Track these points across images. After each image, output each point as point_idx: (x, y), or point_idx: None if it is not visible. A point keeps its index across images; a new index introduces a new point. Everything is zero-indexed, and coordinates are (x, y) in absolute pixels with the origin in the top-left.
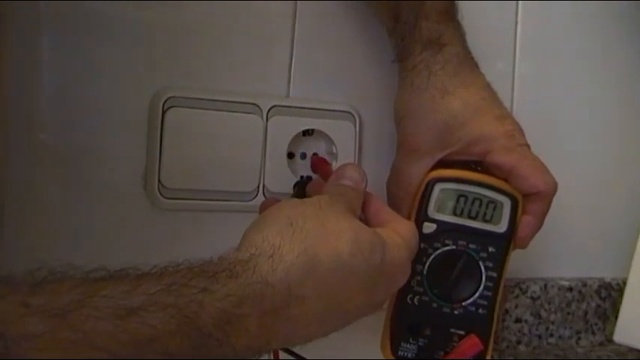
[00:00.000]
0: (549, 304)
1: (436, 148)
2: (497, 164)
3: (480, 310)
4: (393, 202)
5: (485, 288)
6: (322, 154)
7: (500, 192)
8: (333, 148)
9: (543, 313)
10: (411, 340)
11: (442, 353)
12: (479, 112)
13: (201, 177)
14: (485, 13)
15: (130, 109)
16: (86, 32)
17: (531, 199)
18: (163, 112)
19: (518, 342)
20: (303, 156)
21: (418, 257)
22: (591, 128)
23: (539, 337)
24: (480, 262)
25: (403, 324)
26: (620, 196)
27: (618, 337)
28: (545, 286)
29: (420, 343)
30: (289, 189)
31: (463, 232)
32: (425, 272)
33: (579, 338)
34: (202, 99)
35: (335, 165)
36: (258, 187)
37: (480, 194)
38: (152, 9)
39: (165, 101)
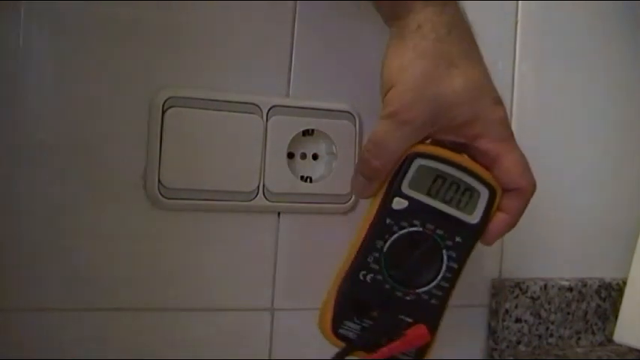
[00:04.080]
0: (549, 304)
1: (428, 122)
2: (485, 151)
3: (433, 300)
4: (367, 172)
5: (444, 278)
6: (322, 154)
7: (480, 181)
8: (333, 148)
9: (543, 313)
10: (355, 320)
11: (386, 339)
12: (479, 92)
13: (201, 177)
14: (485, 13)
15: (130, 109)
16: (86, 32)
17: (509, 195)
18: (163, 112)
19: (518, 342)
20: (303, 156)
21: (380, 233)
22: (591, 128)
23: (539, 337)
24: (444, 251)
25: (350, 301)
26: (620, 196)
27: (618, 337)
28: (545, 286)
29: (365, 324)
30: (289, 189)
31: (434, 215)
32: (384, 250)
33: (579, 338)
34: (202, 99)
35: (334, 165)
36: (258, 187)
37: (459, 179)
38: (152, 9)
39: (165, 101)
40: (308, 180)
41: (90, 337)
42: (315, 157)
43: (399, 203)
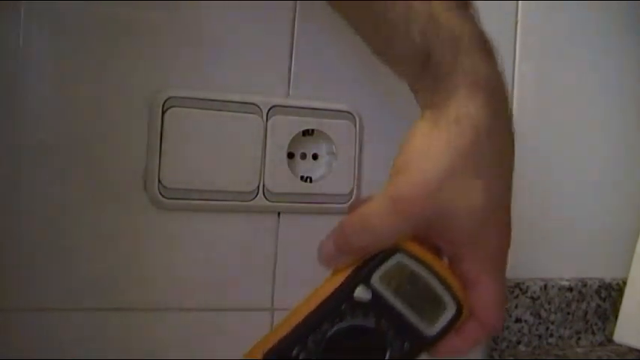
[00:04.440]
0: (549, 304)
1: (425, 224)
2: (467, 271)
3: None
4: (343, 247)
5: None
6: (322, 154)
7: (452, 296)
8: (333, 148)
9: (543, 313)
10: None
11: None
12: (492, 215)
13: (201, 177)
14: (486, 13)
15: (130, 109)
16: (86, 32)
17: (472, 323)
18: (163, 112)
19: (518, 342)
20: (303, 156)
21: (331, 316)
22: (591, 128)
23: (539, 337)
24: (388, 351)
25: None
26: (620, 197)
27: (618, 337)
28: (545, 286)
29: None
30: (289, 189)
31: (393, 315)
32: (328, 335)
33: (579, 338)
34: (202, 99)
35: (334, 165)
36: (258, 187)
37: (432, 287)
38: (152, 9)
39: (165, 101)
40: (308, 180)
41: (90, 337)
42: (315, 157)
43: (362, 293)
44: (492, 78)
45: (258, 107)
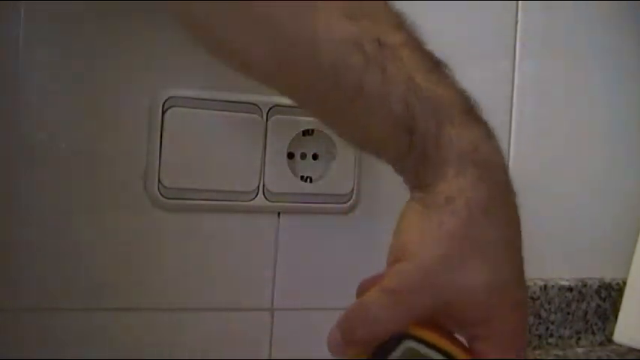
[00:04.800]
0: (549, 304)
1: (430, 309)
2: (482, 353)
3: None
4: (348, 337)
5: None
6: (322, 154)
7: None
8: (333, 148)
9: (543, 313)
10: None
11: None
12: (500, 294)
13: (201, 177)
14: (486, 13)
15: (130, 109)
16: (86, 32)
17: None
18: (163, 112)
19: None
20: (303, 156)
21: None
22: (591, 128)
23: (539, 337)
24: None
25: None
26: (620, 197)
27: (618, 337)
28: (545, 286)
29: None
30: (289, 189)
31: None
32: None
33: (579, 338)
34: (202, 99)
35: (334, 165)
36: (258, 187)
37: None
38: (152, 9)
39: (165, 101)
40: (308, 180)
41: (90, 337)
42: (315, 157)
43: None
44: (483, 147)
45: (258, 107)
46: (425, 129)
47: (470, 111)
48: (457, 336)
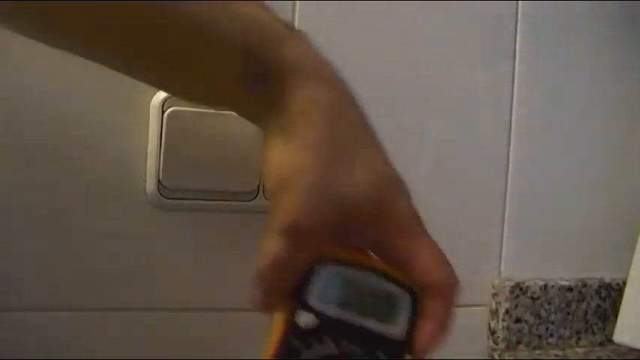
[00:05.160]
0: (549, 304)
1: (333, 226)
2: (396, 249)
3: None
4: (265, 287)
5: None
6: None
7: (398, 284)
8: None
9: (543, 313)
10: None
11: None
12: (384, 182)
13: (201, 177)
14: (486, 13)
15: (130, 109)
16: None
17: (432, 299)
18: (163, 112)
19: (518, 342)
20: None
21: (289, 358)
22: (591, 128)
23: (539, 337)
24: None
25: None
26: (620, 197)
27: (618, 337)
28: (545, 286)
29: None
30: None
31: (349, 331)
32: None
33: (579, 338)
34: None
35: None
36: (258, 187)
37: (374, 285)
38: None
39: (165, 101)
40: None
41: (90, 337)
42: None
43: (305, 319)
44: (318, 59)
45: None
46: (260, 50)
47: (294, 30)
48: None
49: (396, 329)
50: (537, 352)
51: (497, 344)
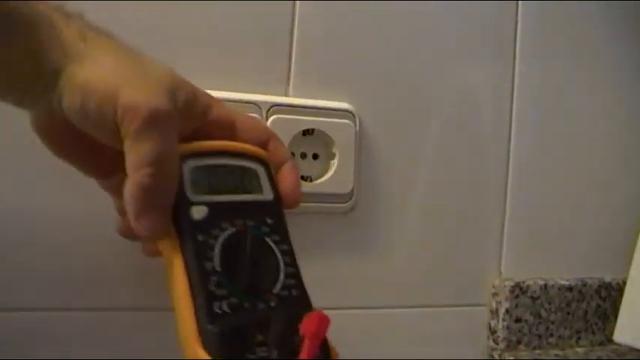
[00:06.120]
0: (549, 304)
1: (174, 105)
2: (219, 120)
3: (294, 291)
4: (158, 199)
5: (286, 265)
6: (322, 154)
7: (249, 157)
8: (333, 148)
9: (543, 313)
10: (249, 356)
11: (291, 353)
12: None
13: None
14: (486, 13)
15: None
16: None
17: (269, 149)
18: None
19: (519, 342)
20: (304, 156)
21: (200, 253)
22: (591, 128)
23: (539, 337)
24: (267, 239)
25: (227, 343)
26: (620, 196)
27: (618, 337)
28: (545, 286)
29: (261, 355)
30: None
31: (234, 209)
32: (217, 269)
33: (579, 338)
34: None
35: (334, 165)
36: None
37: (232, 165)
38: (152, 9)
39: None
40: (308, 180)
41: (89, 337)
42: (315, 157)
43: (199, 212)
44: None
45: (258, 107)
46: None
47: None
48: None
49: (266, 194)
50: (537, 352)
51: (497, 344)
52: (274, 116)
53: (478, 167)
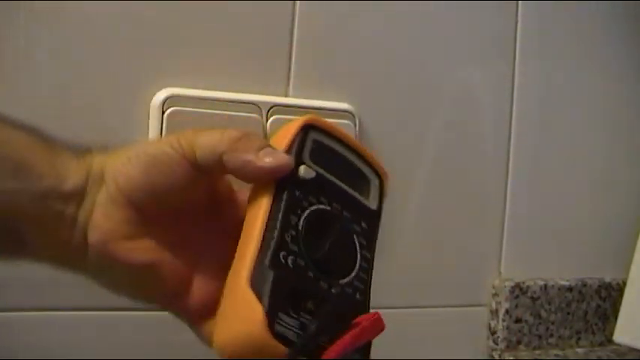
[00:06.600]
0: (549, 304)
1: None
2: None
3: (358, 296)
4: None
5: (361, 269)
6: None
7: (371, 167)
8: None
9: (543, 313)
10: (291, 314)
11: (328, 338)
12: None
13: None
14: (486, 13)
15: (130, 109)
16: (87, 32)
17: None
18: (163, 112)
19: (519, 342)
20: None
21: (291, 206)
22: (591, 128)
23: (539, 337)
24: (355, 236)
25: (279, 289)
26: (620, 196)
27: (618, 337)
28: (545, 286)
29: (303, 320)
30: None
31: (339, 194)
32: (300, 228)
33: (579, 338)
34: (202, 99)
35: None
36: None
37: (352, 162)
38: (152, 9)
39: (165, 101)
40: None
41: (90, 337)
42: None
43: (307, 172)
44: None
45: (258, 107)
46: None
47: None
48: None
49: (371, 203)
50: (537, 352)
51: (497, 344)
52: (274, 116)
53: (478, 167)
